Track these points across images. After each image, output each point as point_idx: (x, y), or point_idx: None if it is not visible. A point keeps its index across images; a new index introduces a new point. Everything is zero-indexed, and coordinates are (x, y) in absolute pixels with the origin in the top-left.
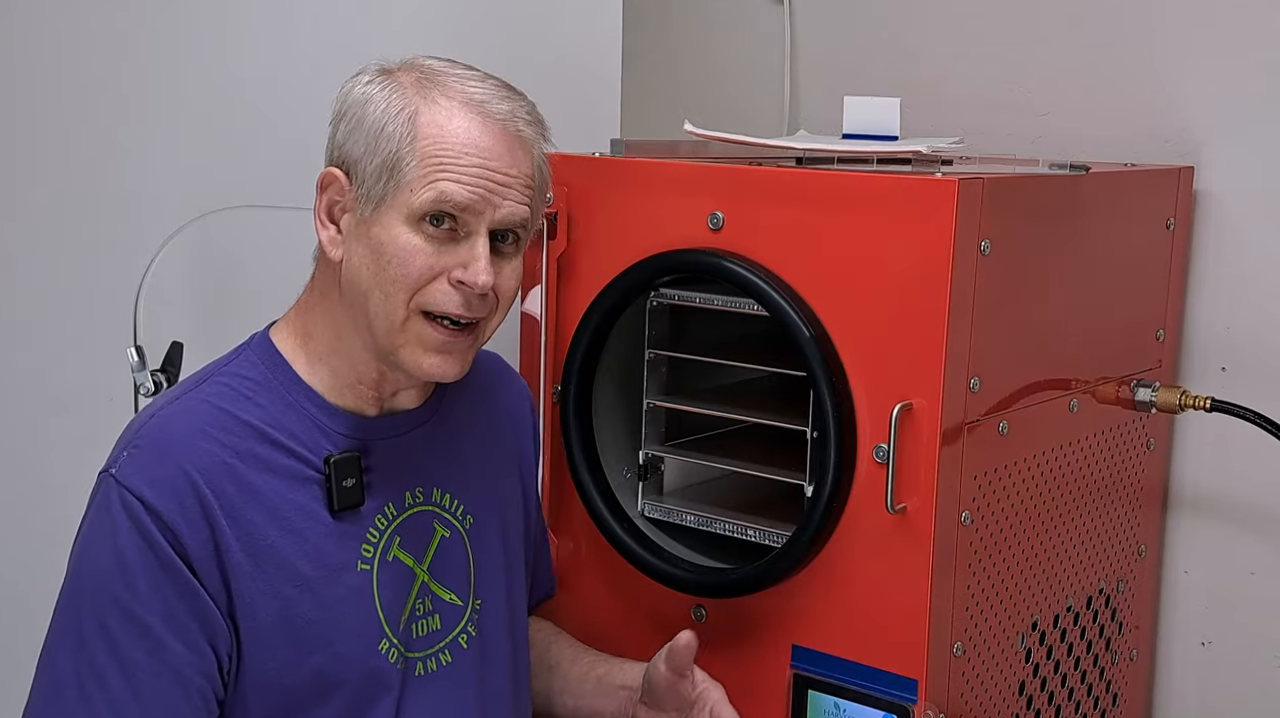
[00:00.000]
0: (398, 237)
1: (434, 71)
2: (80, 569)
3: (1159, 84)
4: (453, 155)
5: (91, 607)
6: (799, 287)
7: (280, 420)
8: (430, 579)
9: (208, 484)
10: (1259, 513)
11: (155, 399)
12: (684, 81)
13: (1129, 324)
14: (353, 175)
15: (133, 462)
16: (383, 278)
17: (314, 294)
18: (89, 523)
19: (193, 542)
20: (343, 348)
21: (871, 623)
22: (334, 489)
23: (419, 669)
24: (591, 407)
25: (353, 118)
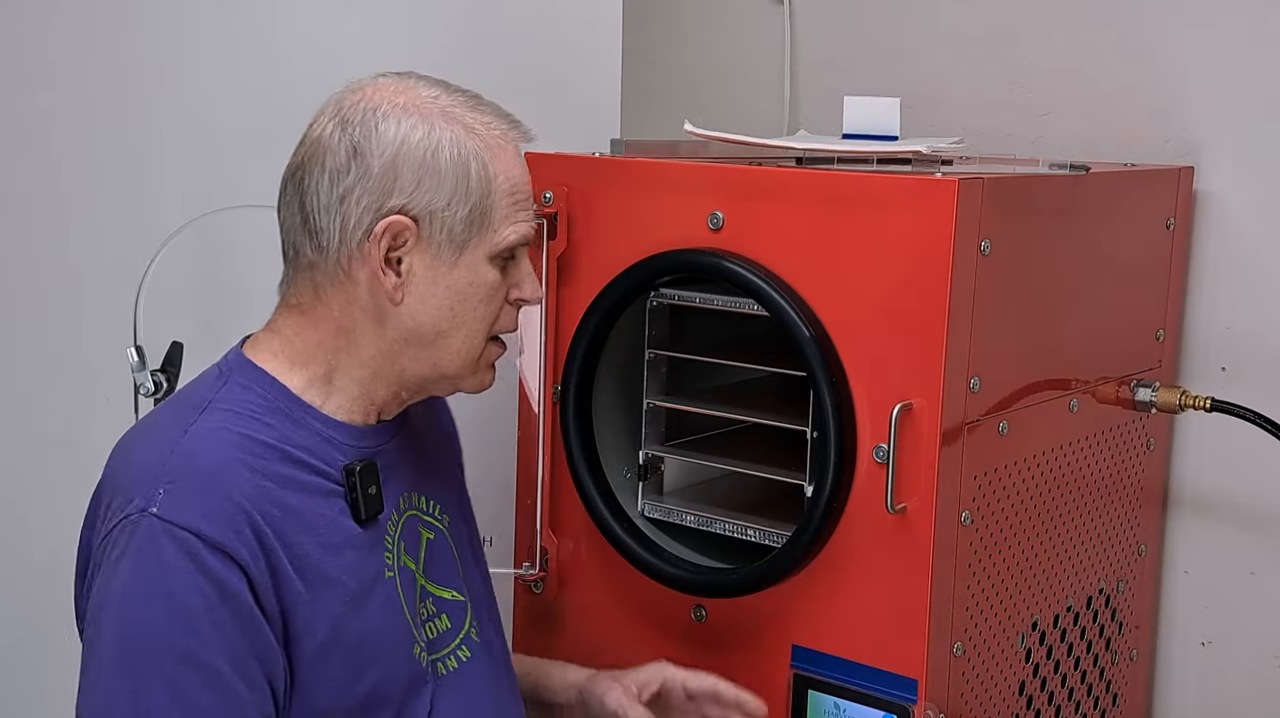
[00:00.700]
0: (485, 275)
1: (449, 105)
2: (126, 622)
3: (1159, 84)
4: (522, 193)
5: (147, 659)
6: (799, 287)
7: (294, 438)
8: (427, 582)
9: (258, 510)
10: (1259, 513)
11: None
12: (684, 81)
13: (1129, 324)
14: (425, 222)
15: (174, 497)
16: (470, 317)
17: (320, 329)
18: (129, 571)
19: (257, 572)
20: (366, 376)
21: (871, 623)
22: (360, 498)
23: (441, 669)
24: (591, 407)
25: (418, 168)
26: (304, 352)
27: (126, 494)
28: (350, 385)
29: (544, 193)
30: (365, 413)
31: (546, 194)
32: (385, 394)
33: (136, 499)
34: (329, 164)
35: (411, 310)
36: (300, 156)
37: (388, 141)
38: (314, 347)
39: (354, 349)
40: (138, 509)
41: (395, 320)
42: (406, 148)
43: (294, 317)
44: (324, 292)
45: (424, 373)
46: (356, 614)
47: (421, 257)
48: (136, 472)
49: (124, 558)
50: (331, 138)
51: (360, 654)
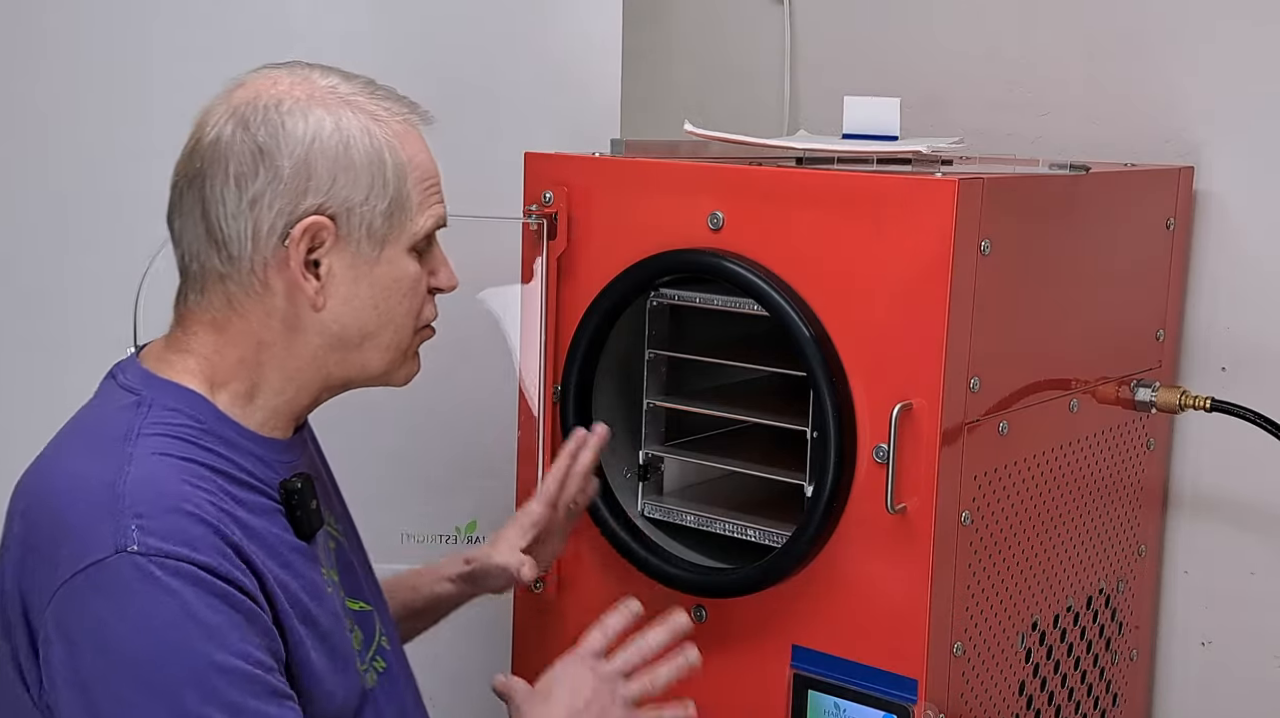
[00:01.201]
0: (407, 269)
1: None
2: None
3: (1159, 84)
4: (433, 177)
5: (194, 687)
6: (799, 287)
7: (232, 459)
8: (343, 593)
9: (228, 530)
10: (1259, 513)
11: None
12: (684, 81)
13: (1129, 324)
14: (344, 220)
15: (151, 533)
16: (396, 313)
17: (237, 347)
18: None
19: (251, 586)
20: (289, 387)
21: (871, 623)
22: (303, 514)
23: (370, 680)
24: (591, 407)
25: (332, 163)
26: (224, 370)
27: (82, 538)
28: (272, 399)
29: (544, 193)
30: (286, 426)
31: (546, 194)
32: (308, 401)
33: (102, 542)
34: (233, 169)
35: (335, 314)
36: (197, 163)
37: (296, 139)
38: (234, 364)
39: (275, 363)
40: (111, 552)
41: (317, 327)
42: (319, 144)
43: (208, 333)
44: (240, 304)
45: (350, 375)
46: (316, 633)
47: (341, 256)
48: (85, 512)
49: (114, 604)
50: (233, 140)
51: (325, 673)
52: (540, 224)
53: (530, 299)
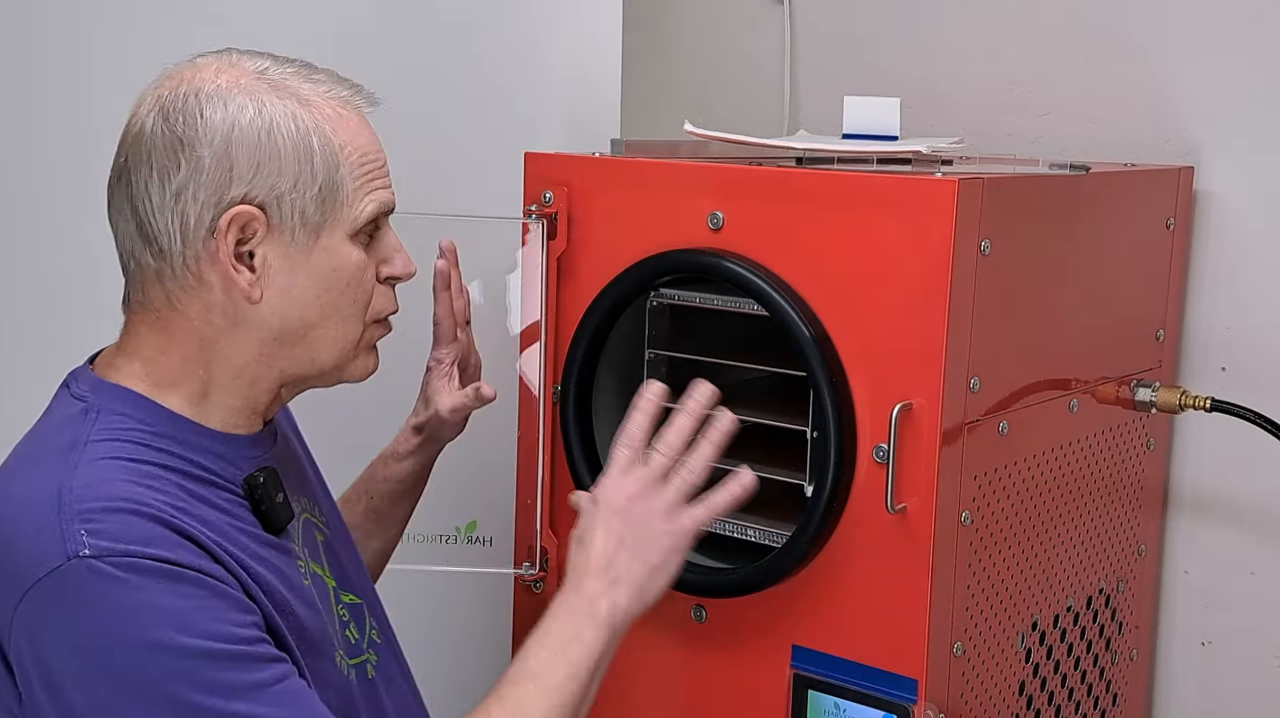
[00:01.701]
0: (348, 256)
1: (279, 77)
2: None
3: (1159, 84)
4: (373, 161)
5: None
6: (799, 287)
7: (188, 458)
8: (336, 586)
9: (184, 524)
10: (1259, 513)
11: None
12: (684, 81)
13: (1129, 324)
14: (273, 209)
15: (101, 535)
16: (339, 303)
17: (183, 344)
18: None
19: (211, 567)
20: (242, 385)
21: (871, 623)
22: (269, 508)
23: (369, 672)
24: (591, 407)
25: (254, 151)
26: (171, 373)
27: (33, 550)
28: (228, 398)
29: (544, 193)
30: (250, 421)
31: (546, 194)
32: (267, 398)
33: (53, 551)
34: (155, 161)
35: (273, 307)
36: (123, 157)
37: (215, 127)
38: (179, 364)
39: (222, 361)
40: (63, 559)
41: (258, 320)
42: (238, 131)
43: (151, 334)
44: (178, 300)
45: (302, 370)
46: (297, 626)
47: (275, 246)
48: (33, 524)
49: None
50: (154, 132)
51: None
52: (540, 224)
53: (530, 299)
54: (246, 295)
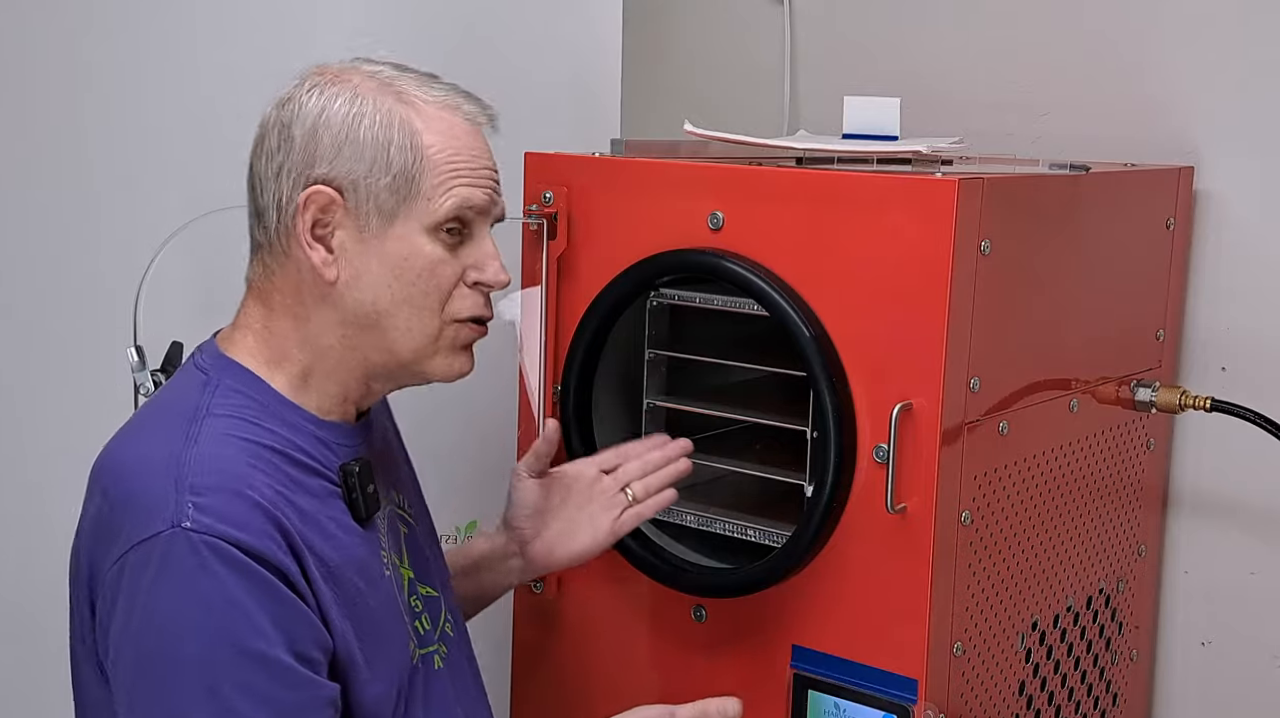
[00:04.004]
0: (421, 248)
1: (390, 78)
2: (189, 639)
3: (1159, 84)
4: (465, 161)
5: (224, 670)
6: (799, 287)
7: (292, 441)
8: (415, 578)
9: (281, 514)
10: (1259, 513)
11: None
12: (684, 81)
13: (1129, 324)
14: (349, 192)
15: (206, 510)
16: (412, 293)
17: (280, 318)
18: (175, 589)
19: (294, 571)
20: (332, 368)
21: (871, 623)
22: (360, 498)
23: (437, 663)
24: (591, 407)
25: (338, 134)
26: (276, 349)
27: (144, 513)
28: (325, 383)
29: (544, 193)
30: (345, 410)
31: (546, 194)
32: (359, 389)
33: (161, 516)
34: (267, 143)
35: (349, 290)
36: (253, 143)
37: (308, 111)
38: (280, 342)
39: (314, 342)
40: (168, 526)
41: (338, 301)
42: (326, 116)
43: (258, 307)
44: (274, 275)
45: (385, 361)
46: (367, 615)
47: (350, 230)
48: (149, 487)
49: (162, 578)
50: (271, 118)
51: (373, 654)
52: (540, 224)
53: (530, 299)
54: (321, 274)
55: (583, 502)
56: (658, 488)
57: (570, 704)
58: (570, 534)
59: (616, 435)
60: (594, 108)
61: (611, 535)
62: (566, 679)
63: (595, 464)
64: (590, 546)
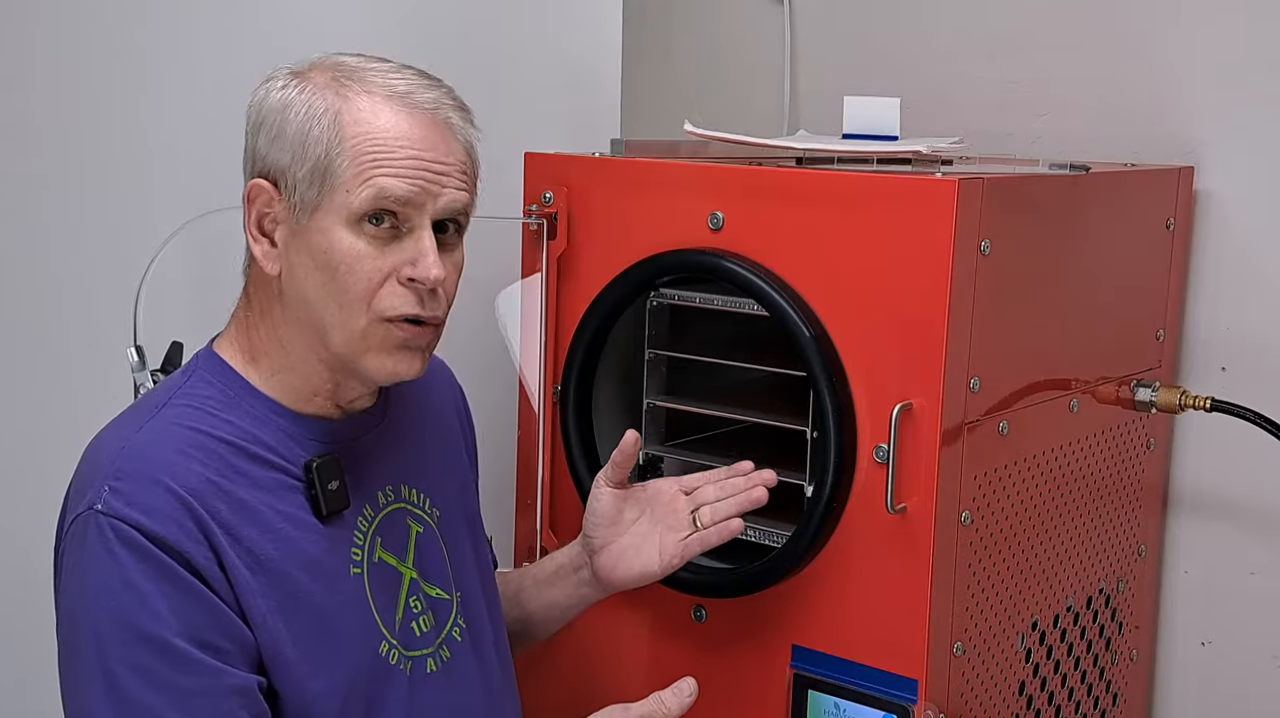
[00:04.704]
0: (339, 241)
1: (350, 68)
2: (89, 617)
3: (1159, 84)
4: (385, 149)
5: (117, 651)
6: (799, 287)
7: (252, 433)
8: (419, 577)
9: (201, 504)
10: (1259, 513)
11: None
12: (684, 81)
13: (1129, 324)
14: (281, 185)
15: (119, 494)
16: (335, 288)
17: (252, 311)
18: (84, 568)
19: (202, 560)
20: (293, 363)
21: (871, 623)
22: (320, 494)
23: (430, 666)
24: (591, 407)
25: (272, 126)
26: (255, 342)
27: (78, 492)
28: (289, 377)
29: (544, 193)
30: (322, 405)
31: (546, 194)
32: (326, 383)
33: (85, 497)
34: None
35: (288, 282)
36: None
37: (255, 104)
38: (255, 334)
39: (278, 335)
40: (87, 507)
41: (285, 294)
42: (265, 108)
43: (242, 299)
44: (247, 268)
45: (328, 355)
46: (311, 610)
47: (286, 223)
48: (89, 469)
49: (79, 557)
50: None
51: (314, 649)
52: (540, 224)
53: (530, 299)
54: (262, 264)
55: (656, 519)
56: (725, 515)
57: (570, 704)
58: (636, 550)
59: (616, 435)
60: (594, 108)
61: (675, 558)
62: (566, 679)
63: (677, 484)
64: (652, 566)
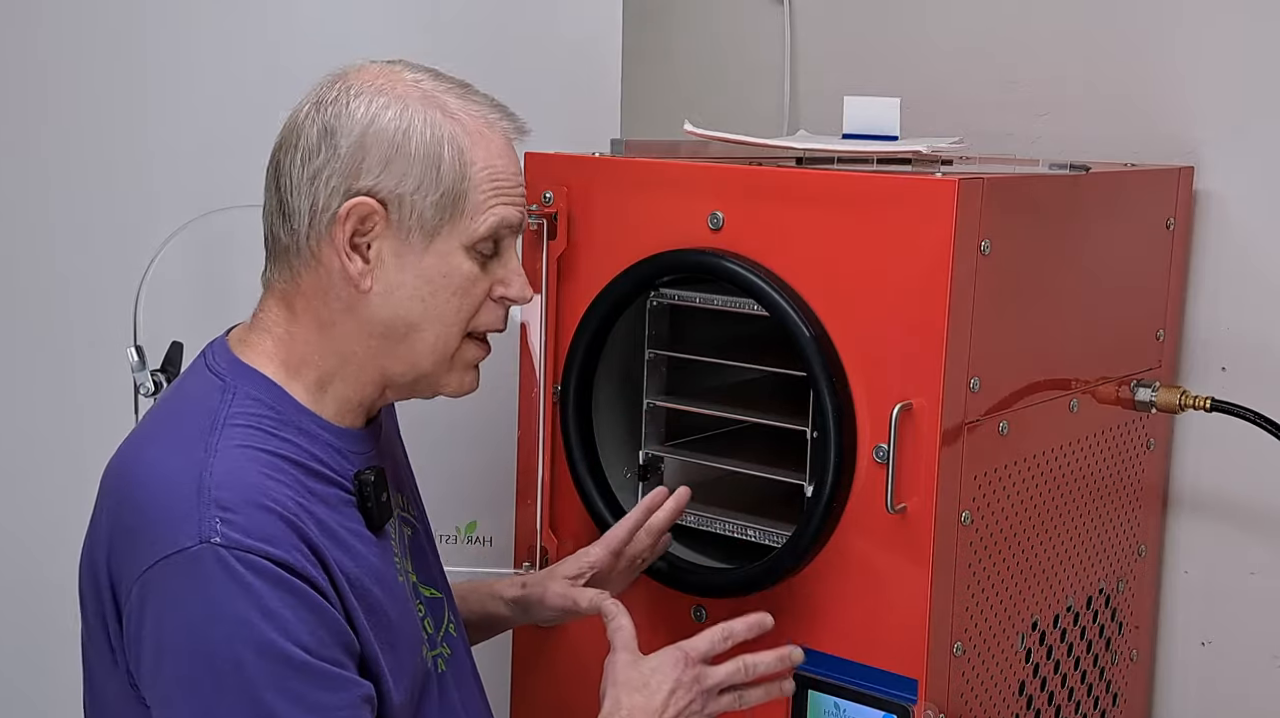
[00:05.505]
0: (459, 266)
1: (434, 90)
2: (228, 650)
3: (1159, 84)
4: (505, 180)
5: (265, 679)
6: (799, 287)
7: (309, 450)
8: (417, 581)
9: (304, 526)
10: (1259, 513)
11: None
12: (684, 81)
13: (1129, 324)
14: (392, 206)
15: (233, 525)
16: (444, 309)
17: (303, 323)
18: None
19: (321, 579)
20: (352, 376)
21: (871, 623)
22: (375, 506)
23: (440, 665)
24: (591, 407)
25: (386, 149)
26: (297, 353)
27: (168, 526)
28: (342, 390)
29: (544, 193)
30: (356, 416)
31: (546, 194)
32: (373, 395)
33: (187, 531)
34: (301, 144)
35: (382, 301)
36: (279, 139)
37: (357, 120)
38: (302, 346)
39: (337, 348)
40: (195, 541)
41: (367, 312)
42: (375, 127)
43: (279, 309)
44: (300, 279)
45: (403, 372)
46: (385, 622)
47: (390, 243)
48: (172, 500)
49: (195, 592)
50: (306, 119)
51: (393, 661)
52: (540, 224)
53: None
54: (355, 284)
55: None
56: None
57: (570, 705)
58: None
59: (616, 435)
60: (594, 108)
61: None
62: (566, 680)
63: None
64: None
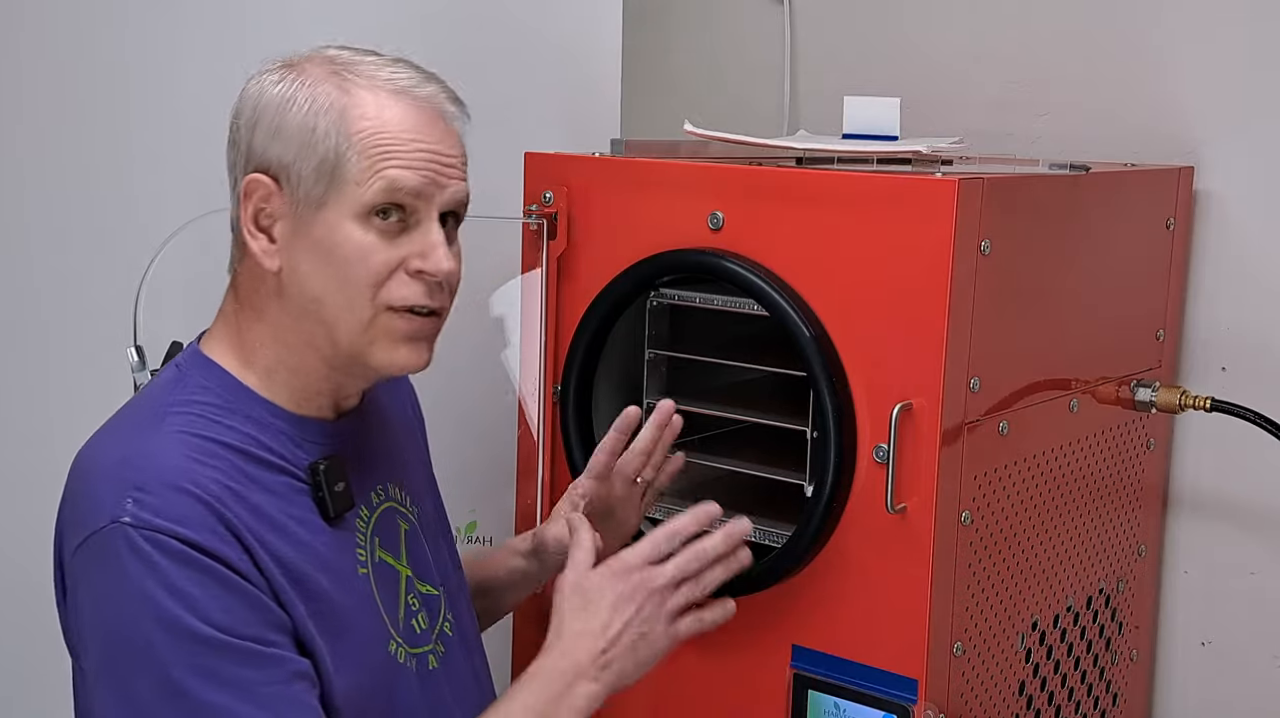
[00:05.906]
0: (350, 235)
1: (345, 62)
2: (137, 629)
3: (1159, 84)
4: (396, 142)
5: (174, 656)
6: (799, 287)
7: (256, 438)
8: (412, 575)
9: (227, 510)
10: (1259, 513)
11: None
12: (684, 81)
13: (1129, 324)
14: (283, 180)
15: (145, 505)
16: (341, 281)
17: (246, 311)
18: (120, 582)
19: (238, 560)
20: (293, 361)
21: (871, 623)
22: (327, 496)
23: (431, 662)
24: (591, 407)
25: (272, 120)
26: (248, 343)
27: (91, 507)
28: (290, 378)
29: (544, 193)
30: (319, 405)
31: (546, 194)
32: (326, 383)
33: (104, 511)
34: (229, 135)
35: (290, 278)
36: None
37: (249, 99)
38: (249, 335)
39: (275, 334)
40: (109, 520)
41: (285, 291)
42: (263, 102)
43: (230, 299)
44: (240, 265)
45: (329, 350)
46: (329, 612)
47: (288, 218)
48: (97, 482)
49: (106, 571)
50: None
51: (335, 651)
52: (540, 224)
53: (530, 299)
54: (262, 261)
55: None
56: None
57: None
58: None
59: None
60: (594, 108)
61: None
62: None
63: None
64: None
